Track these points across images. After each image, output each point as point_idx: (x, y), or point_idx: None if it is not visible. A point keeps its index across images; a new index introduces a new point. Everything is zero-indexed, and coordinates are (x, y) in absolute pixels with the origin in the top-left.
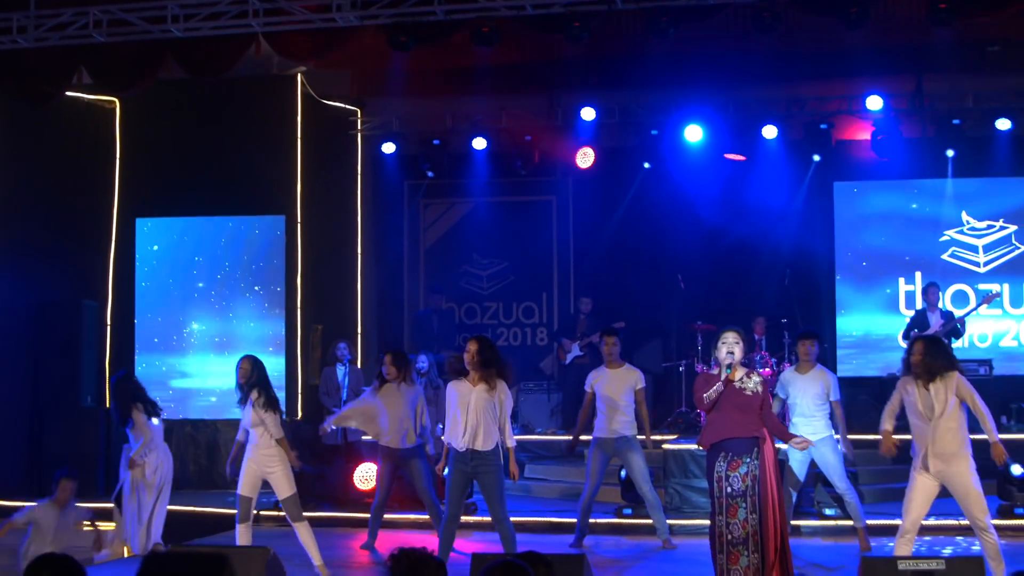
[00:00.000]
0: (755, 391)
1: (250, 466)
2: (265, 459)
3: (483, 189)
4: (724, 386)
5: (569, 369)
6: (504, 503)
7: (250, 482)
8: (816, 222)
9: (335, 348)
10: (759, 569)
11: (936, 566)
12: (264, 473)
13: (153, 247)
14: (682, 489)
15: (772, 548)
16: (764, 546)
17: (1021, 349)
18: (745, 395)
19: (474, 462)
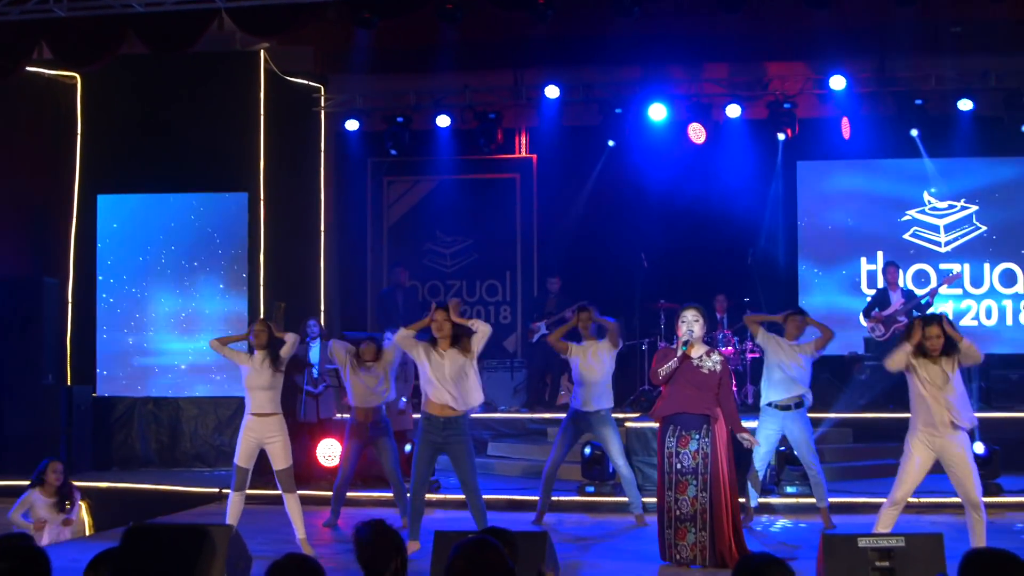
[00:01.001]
0: (713, 369)
1: (248, 435)
2: (266, 427)
3: (447, 167)
4: (680, 362)
5: (536, 347)
6: (476, 472)
7: (248, 452)
8: (779, 201)
9: (305, 326)
10: (707, 547)
11: (896, 543)
12: (263, 442)
13: (114, 224)
14: (644, 466)
15: (726, 526)
16: (716, 525)
17: (981, 329)
18: (702, 373)
19: (445, 431)
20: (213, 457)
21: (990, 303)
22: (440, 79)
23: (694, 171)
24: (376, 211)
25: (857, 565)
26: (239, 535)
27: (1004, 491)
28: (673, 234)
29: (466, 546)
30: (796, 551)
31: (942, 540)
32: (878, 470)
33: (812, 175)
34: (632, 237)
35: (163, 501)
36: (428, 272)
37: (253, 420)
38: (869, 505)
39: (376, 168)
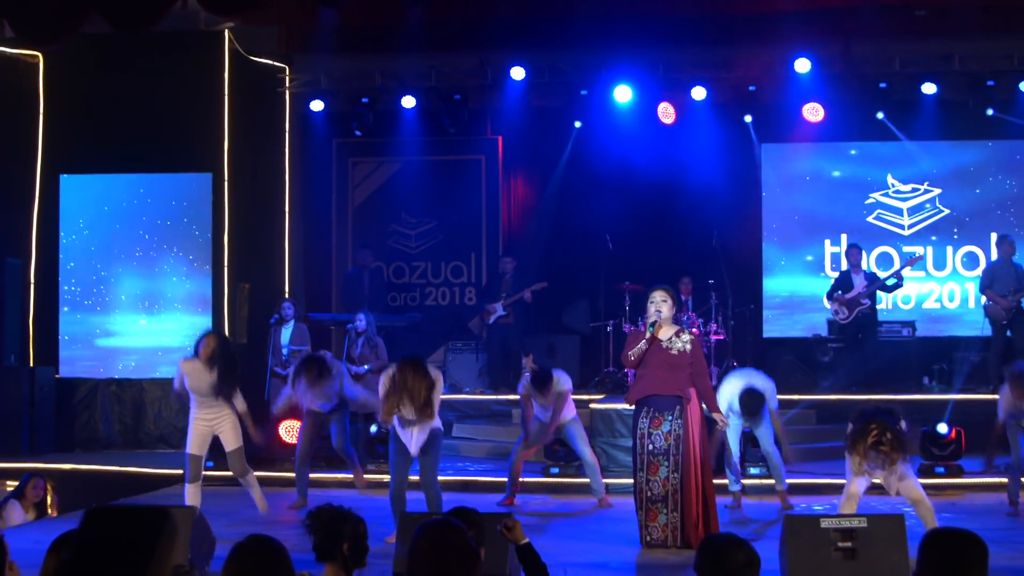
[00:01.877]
0: (682, 350)
1: (198, 425)
2: (214, 414)
3: (412, 148)
4: (648, 344)
5: (493, 329)
6: (437, 469)
7: (199, 440)
8: (744, 183)
9: (279, 306)
10: (678, 527)
11: (858, 524)
12: (214, 428)
13: (78, 204)
14: (608, 448)
15: (694, 507)
16: (685, 505)
17: (944, 311)
18: (671, 354)
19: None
20: (177, 439)
21: (953, 286)
22: (405, 60)
23: (659, 153)
24: (341, 192)
25: (819, 546)
26: (203, 517)
27: (965, 472)
28: (638, 216)
29: (430, 527)
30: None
31: (903, 521)
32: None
33: (777, 158)
34: (597, 219)
35: (127, 483)
36: (393, 253)
37: (200, 410)
38: (832, 486)
39: (341, 149)
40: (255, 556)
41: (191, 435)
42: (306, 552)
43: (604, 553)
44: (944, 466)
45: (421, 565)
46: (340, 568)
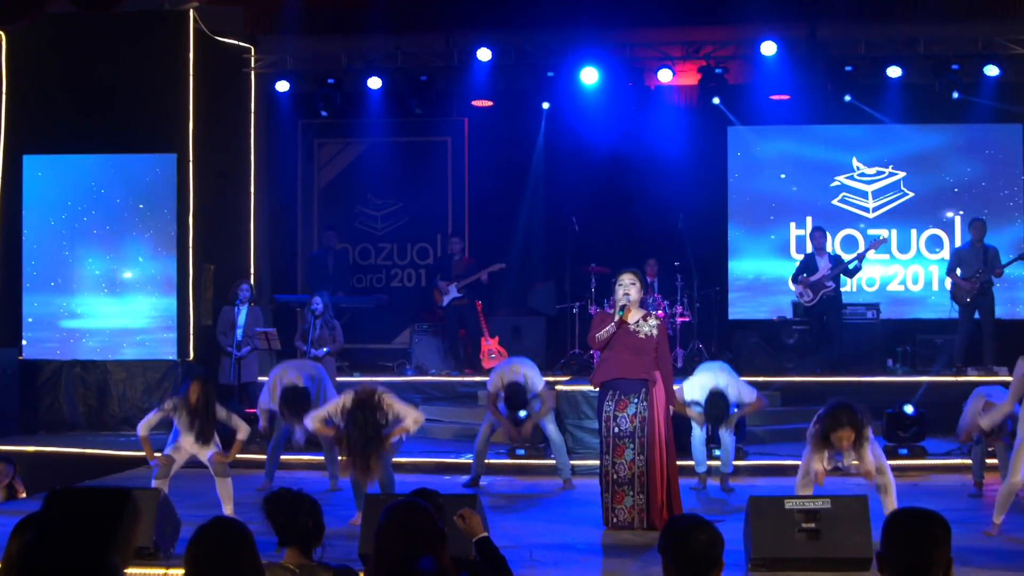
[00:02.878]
0: (649, 334)
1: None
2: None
3: (378, 129)
4: (616, 327)
5: (448, 311)
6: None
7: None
8: (709, 166)
9: (237, 288)
10: (644, 510)
11: (821, 505)
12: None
13: (41, 185)
14: (574, 430)
15: (659, 490)
16: (650, 488)
17: (908, 293)
18: (638, 337)
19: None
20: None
21: (917, 269)
22: (371, 41)
23: (626, 136)
24: (307, 173)
25: (784, 526)
26: (168, 499)
27: (929, 454)
28: (604, 198)
29: (397, 508)
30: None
31: (867, 502)
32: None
33: (742, 140)
34: (563, 201)
35: (91, 465)
36: (359, 235)
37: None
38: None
39: (307, 130)
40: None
41: (170, 447)
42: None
43: (570, 534)
44: (907, 447)
45: (388, 546)
46: (300, 551)
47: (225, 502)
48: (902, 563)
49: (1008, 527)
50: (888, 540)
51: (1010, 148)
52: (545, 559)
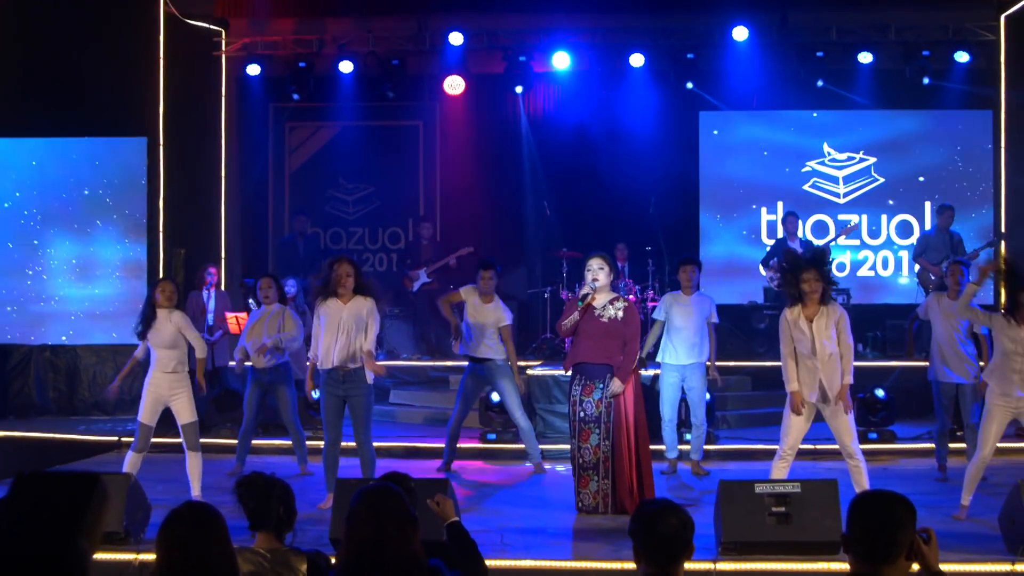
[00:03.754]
0: (614, 317)
1: (151, 392)
2: (170, 384)
3: (350, 113)
4: (581, 314)
5: (419, 296)
6: (370, 427)
7: (151, 409)
8: (681, 151)
9: (203, 272)
10: (609, 494)
11: (791, 489)
12: (167, 399)
13: (9, 169)
14: (545, 414)
15: (627, 474)
16: (617, 472)
17: (878, 279)
18: (602, 321)
19: (346, 384)
20: (112, 405)
21: (887, 254)
22: (343, 24)
23: (597, 120)
24: (278, 157)
25: (754, 510)
26: (138, 484)
27: (898, 438)
28: (576, 183)
29: (367, 493)
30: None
31: (836, 486)
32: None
33: (714, 125)
34: (535, 185)
35: (61, 450)
36: (330, 219)
37: (157, 376)
38: (767, 452)
39: (278, 114)
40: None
41: (144, 402)
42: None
43: (541, 519)
44: (877, 432)
45: (359, 530)
46: (273, 535)
47: (193, 480)
48: (867, 545)
49: (974, 510)
50: (853, 522)
51: (980, 134)
52: (516, 543)
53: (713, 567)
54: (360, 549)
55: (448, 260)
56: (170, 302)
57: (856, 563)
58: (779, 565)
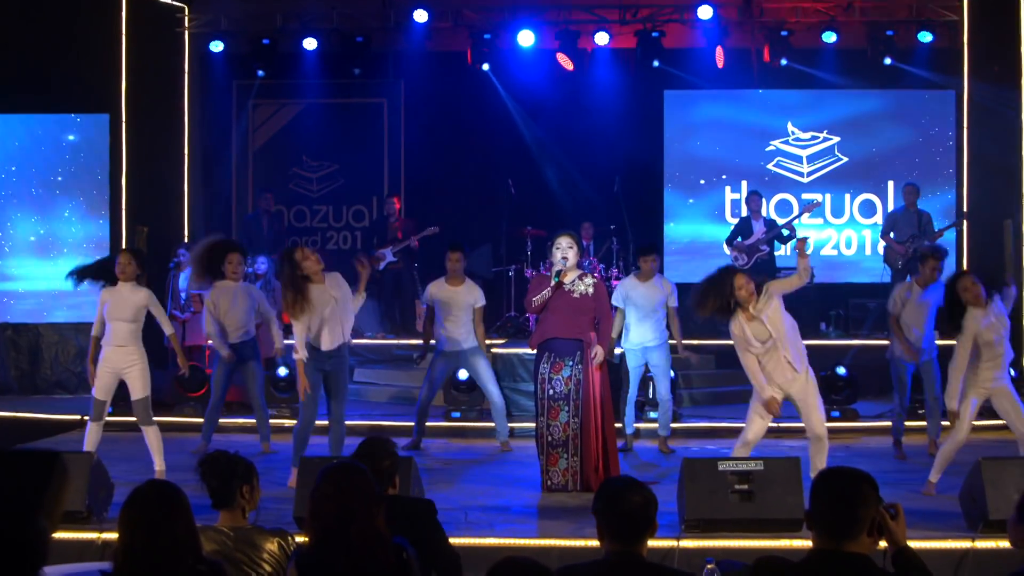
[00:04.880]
0: (585, 293)
1: (105, 367)
2: (124, 357)
3: (313, 90)
4: (552, 291)
5: (384, 275)
6: (345, 403)
7: (105, 384)
8: (646, 130)
9: (176, 253)
10: (578, 472)
11: (754, 466)
12: (121, 373)
13: None
14: (510, 392)
15: (593, 451)
16: (585, 449)
17: (841, 258)
18: (573, 297)
19: (331, 361)
20: (74, 384)
21: (850, 233)
22: (307, 1)
23: (562, 99)
24: (241, 135)
25: (717, 488)
26: (100, 462)
27: (861, 416)
28: (540, 161)
29: (333, 470)
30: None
31: (799, 463)
32: (740, 395)
33: (678, 104)
34: (500, 163)
35: (23, 428)
36: (294, 197)
37: (111, 351)
38: (730, 430)
39: (242, 91)
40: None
41: (99, 377)
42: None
43: (505, 496)
44: (840, 410)
45: (324, 509)
46: (236, 513)
47: (155, 454)
48: (829, 521)
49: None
50: (816, 499)
51: (943, 114)
52: (480, 521)
53: (676, 544)
54: (325, 527)
55: (410, 242)
56: (123, 275)
57: (819, 539)
58: (742, 542)
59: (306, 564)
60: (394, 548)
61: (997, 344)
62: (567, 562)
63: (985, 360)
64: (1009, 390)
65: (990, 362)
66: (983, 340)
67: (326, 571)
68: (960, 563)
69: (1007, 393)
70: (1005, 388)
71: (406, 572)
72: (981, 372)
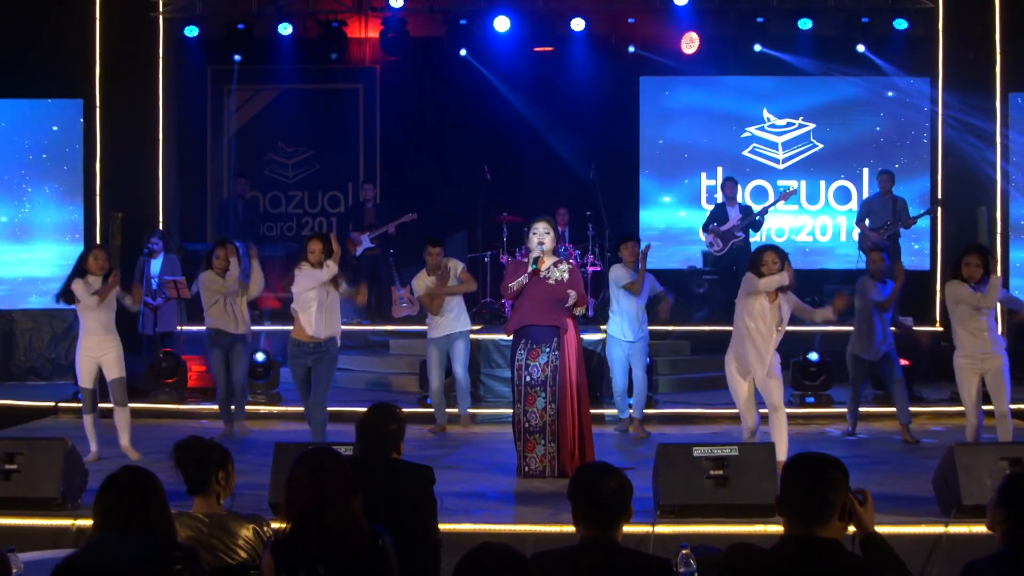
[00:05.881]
0: (560, 279)
1: (84, 356)
2: (101, 344)
3: (289, 76)
4: (529, 277)
5: (361, 260)
6: (329, 390)
7: (88, 372)
8: (621, 116)
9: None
10: (555, 458)
11: (729, 452)
12: (99, 358)
13: None
14: (485, 379)
15: (569, 437)
16: (561, 435)
17: (816, 244)
18: (549, 284)
19: (316, 353)
20: (48, 370)
21: (825, 220)
22: None
23: (538, 85)
24: (216, 120)
25: (692, 474)
26: (74, 449)
27: (835, 402)
28: (516, 147)
29: (309, 456)
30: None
31: (773, 449)
32: (714, 381)
33: (654, 90)
34: (476, 149)
35: None
36: (269, 183)
37: (88, 340)
38: (704, 416)
39: (217, 76)
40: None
41: (80, 368)
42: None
43: (481, 482)
44: (814, 396)
45: (299, 494)
46: (211, 499)
47: (121, 431)
48: (800, 506)
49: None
50: (787, 484)
51: (918, 102)
52: (456, 507)
53: (651, 530)
54: (301, 513)
55: (387, 228)
56: (101, 270)
57: (790, 525)
58: (717, 528)
59: (282, 550)
60: (370, 534)
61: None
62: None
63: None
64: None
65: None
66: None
67: (302, 557)
68: (933, 548)
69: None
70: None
71: (382, 558)
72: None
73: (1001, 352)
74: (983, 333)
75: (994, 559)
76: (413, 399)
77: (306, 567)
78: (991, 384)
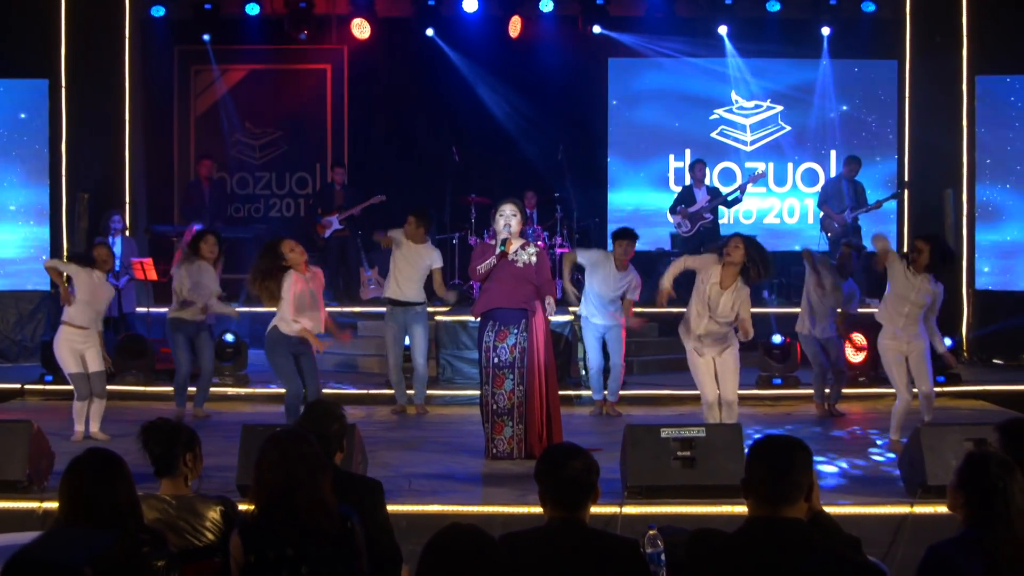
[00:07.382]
0: (528, 262)
1: (66, 345)
2: (84, 338)
3: (256, 56)
4: (497, 260)
5: (330, 242)
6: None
7: (73, 358)
8: (590, 98)
9: (108, 219)
10: (523, 439)
11: (696, 433)
12: (81, 350)
13: None
14: (453, 360)
15: (537, 419)
16: (529, 417)
17: (783, 226)
18: (517, 267)
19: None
20: (14, 352)
21: (793, 202)
22: None
23: (506, 66)
24: (183, 101)
25: (660, 455)
26: (41, 431)
27: (801, 384)
28: (484, 128)
29: (279, 437)
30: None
31: (741, 430)
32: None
33: (623, 72)
34: (443, 130)
35: None
36: (236, 164)
37: (70, 331)
38: (673, 397)
39: (183, 56)
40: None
41: (64, 356)
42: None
43: (449, 464)
44: (782, 377)
45: (269, 476)
46: (179, 481)
47: (94, 419)
48: (768, 488)
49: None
50: (751, 466)
51: (886, 84)
52: (424, 488)
53: (619, 511)
54: (270, 495)
55: (355, 211)
56: (106, 266)
57: (756, 507)
58: (684, 508)
59: (250, 532)
60: (339, 517)
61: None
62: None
63: (898, 315)
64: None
65: (903, 318)
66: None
67: (270, 539)
68: (899, 528)
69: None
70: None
71: (351, 541)
72: (893, 324)
73: (924, 338)
74: (909, 318)
75: (956, 541)
76: (381, 380)
77: (275, 548)
78: (914, 366)
